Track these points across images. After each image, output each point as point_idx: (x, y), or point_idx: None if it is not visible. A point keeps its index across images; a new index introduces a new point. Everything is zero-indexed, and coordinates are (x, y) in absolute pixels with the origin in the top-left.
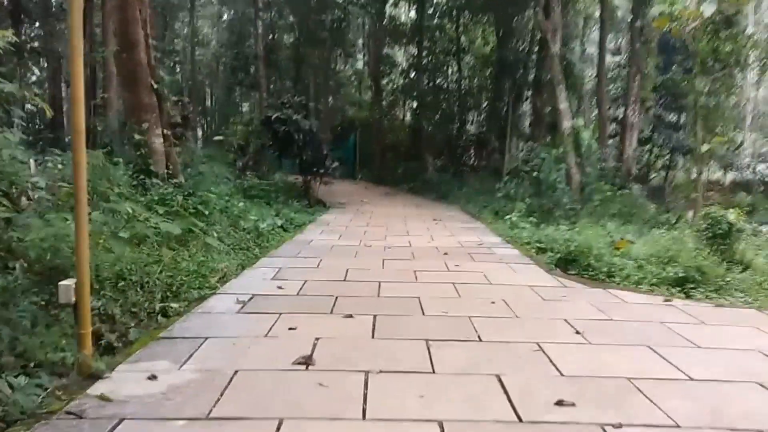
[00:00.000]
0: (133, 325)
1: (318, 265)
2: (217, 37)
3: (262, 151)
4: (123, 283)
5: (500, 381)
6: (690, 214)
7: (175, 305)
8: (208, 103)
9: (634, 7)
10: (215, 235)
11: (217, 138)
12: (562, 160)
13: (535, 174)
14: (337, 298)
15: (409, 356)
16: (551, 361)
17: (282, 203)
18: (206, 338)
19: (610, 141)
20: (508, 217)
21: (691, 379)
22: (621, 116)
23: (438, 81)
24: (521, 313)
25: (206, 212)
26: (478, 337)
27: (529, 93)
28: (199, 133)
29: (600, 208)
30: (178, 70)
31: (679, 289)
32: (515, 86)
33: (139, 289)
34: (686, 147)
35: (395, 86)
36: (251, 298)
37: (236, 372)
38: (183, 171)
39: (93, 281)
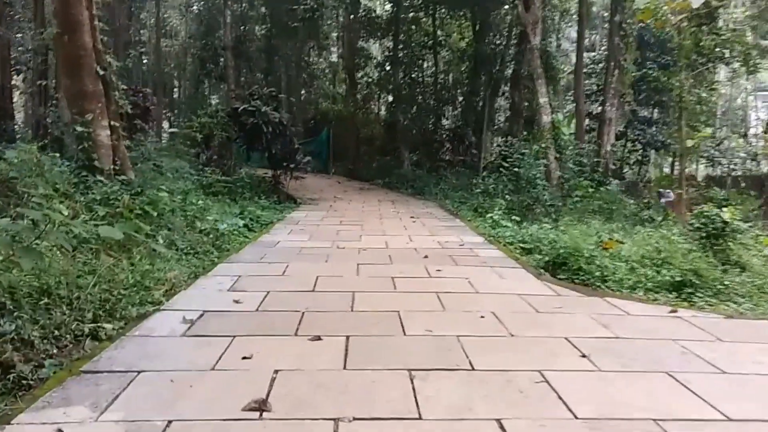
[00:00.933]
0: (54, 352)
1: (284, 272)
2: (185, 27)
3: (228, 144)
4: (47, 300)
5: (503, 429)
6: (671, 209)
7: (108, 326)
8: (176, 95)
9: (613, 0)
10: (160, 240)
11: (171, 130)
12: (542, 156)
13: (515, 169)
14: (303, 314)
15: (389, 394)
16: (560, 396)
17: (248, 200)
18: (139, 372)
19: (586, 137)
20: (489, 215)
21: (729, 419)
22: (597, 112)
23: (414, 75)
24: (515, 331)
25: (155, 213)
26: (470, 364)
27: (506, 87)
28: (166, 126)
29: (580, 205)
30: (144, 61)
31: (676, 294)
32: (492, 81)
33: (66, 308)
34: (659, 142)
35: (370, 79)
36: (201, 315)
37: (169, 424)
38: (137, 166)
39: (6, 300)
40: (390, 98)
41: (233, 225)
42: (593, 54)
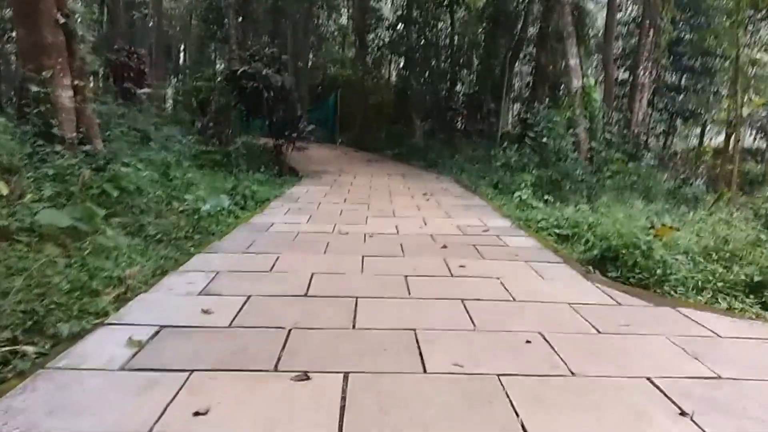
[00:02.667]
0: None
1: (272, 267)
2: None
3: (227, 111)
4: None
5: None
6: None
7: (30, 350)
8: (183, 60)
9: None
10: (109, 232)
11: (143, 91)
12: (572, 125)
13: (544, 140)
14: (290, 333)
15: None
16: None
17: (245, 172)
18: None
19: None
20: (517, 193)
21: None
22: (623, 78)
23: (428, 35)
24: (576, 365)
25: (115, 193)
26: (523, 429)
27: (529, 49)
28: (170, 92)
29: (612, 181)
30: (150, 23)
31: (754, 298)
32: (513, 42)
33: None
34: (688, 111)
35: (381, 42)
36: (156, 333)
37: None
38: (109, 134)
39: None
40: (402, 62)
41: (216, 205)
42: (619, 15)
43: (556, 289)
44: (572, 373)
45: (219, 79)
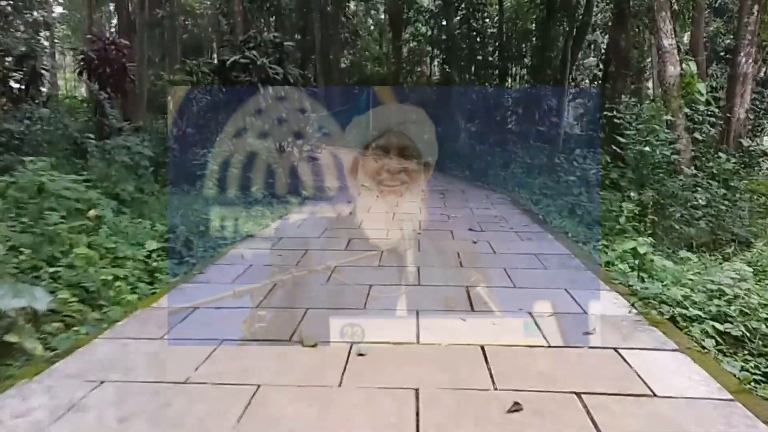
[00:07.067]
0: None
1: None
2: None
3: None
4: None
5: None
6: None
7: None
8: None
9: None
10: None
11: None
12: (669, 126)
13: (646, 148)
14: None
15: None
16: None
17: (222, 194)
18: None
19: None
20: (631, 245)
21: None
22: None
23: (473, 25)
24: None
25: None
26: None
27: (594, 36)
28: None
29: (734, 205)
30: (186, 22)
31: None
32: (574, 27)
33: None
34: None
35: (420, 37)
36: None
37: None
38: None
39: None
40: (443, 56)
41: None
42: None
43: None
44: None
45: (203, 71)
